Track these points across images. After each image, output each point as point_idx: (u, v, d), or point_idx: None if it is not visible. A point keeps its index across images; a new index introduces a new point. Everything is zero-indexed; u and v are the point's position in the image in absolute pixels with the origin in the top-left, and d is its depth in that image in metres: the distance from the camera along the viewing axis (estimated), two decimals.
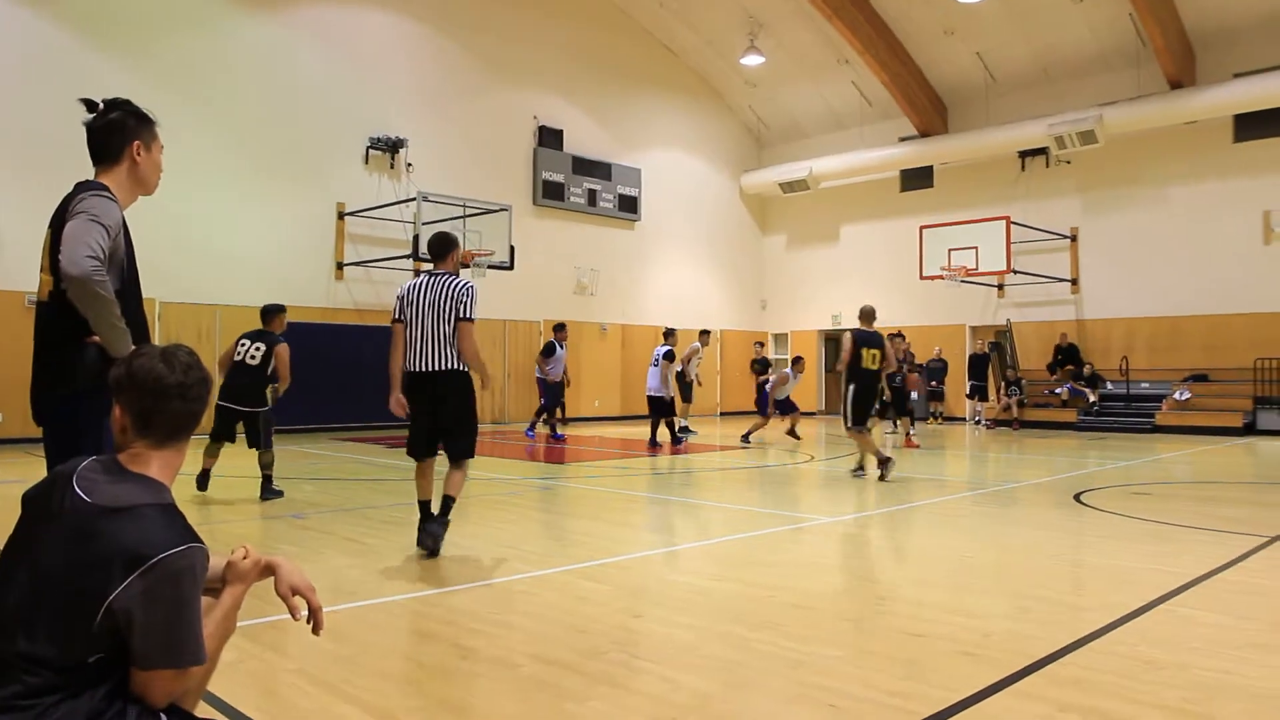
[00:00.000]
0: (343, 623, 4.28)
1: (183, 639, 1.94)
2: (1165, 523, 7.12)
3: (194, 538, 1.99)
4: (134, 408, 2.12)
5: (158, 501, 2.02)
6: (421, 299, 5.89)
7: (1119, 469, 11.37)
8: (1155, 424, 18.08)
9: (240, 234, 16.54)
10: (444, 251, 6.13)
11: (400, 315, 5.96)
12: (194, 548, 1.97)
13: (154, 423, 2.12)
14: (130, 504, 1.97)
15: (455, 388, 5.94)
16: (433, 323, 5.85)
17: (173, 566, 1.91)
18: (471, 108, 20.15)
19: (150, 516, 1.97)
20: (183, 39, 16.03)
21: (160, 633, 1.91)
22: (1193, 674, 3.52)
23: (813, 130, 25.38)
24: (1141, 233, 19.94)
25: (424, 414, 5.98)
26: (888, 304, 23.78)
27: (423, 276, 6.01)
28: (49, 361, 3.14)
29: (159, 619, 1.91)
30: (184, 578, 1.94)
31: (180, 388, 2.14)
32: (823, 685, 3.39)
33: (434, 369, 5.87)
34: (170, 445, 2.16)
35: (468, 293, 5.91)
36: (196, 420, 2.20)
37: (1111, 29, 19.44)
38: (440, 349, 5.85)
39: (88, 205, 3.00)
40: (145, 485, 2.05)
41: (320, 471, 10.94)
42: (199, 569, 1.99)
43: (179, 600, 1.93)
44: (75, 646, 1.88)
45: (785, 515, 7.88)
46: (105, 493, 1.99)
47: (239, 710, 3.10)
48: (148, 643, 1.91)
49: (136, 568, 1.88)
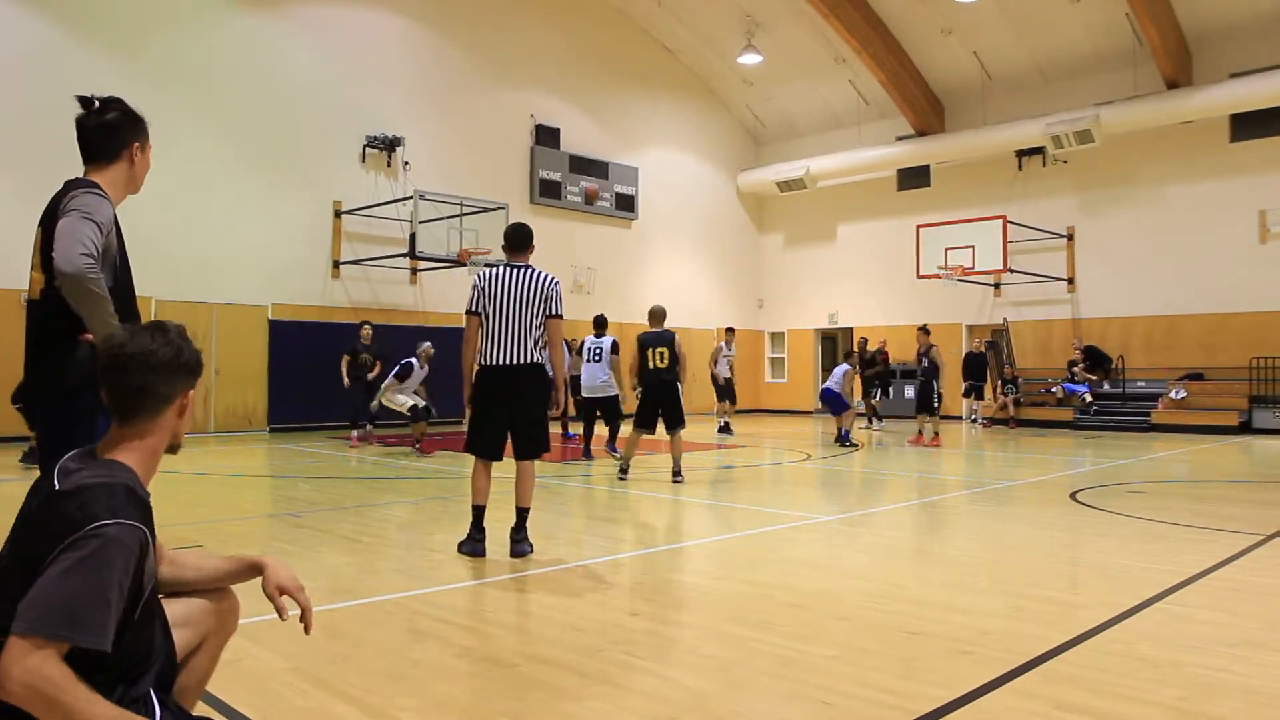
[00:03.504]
0: (339, 621, 4.27)
1: (62, 604, 1.75)
2: (1161, 521, 7.13)
3: (130, 515, 1.89)
4: (101, 384, 2.07)
5: (107, 481, 1.93)
6: (508, 291, 5.69)
7: (1115, 468, 11.38)
8: (1151, 423, 18.10)
9: (236, 232, 16.52)
10: (525, 243, 5.95)
11: (478, 307, 5.74)
12: (122, 524, 1.86)
13: (110, 399, 2.06)
14: (79, 484, 1.92)
15: (536, 382, 5.78)
16: (519, 316, 5.68)
17: (98, 535, 1.82)
18: (469, 106, 20.13)
19: (88, 494, 1.89)
20: (178, 36, 16.00)
21: (44, 589, 1.76)
22: (1188, 672, 3.52)
23: (810, 129, 25.38)
24: (1138, 232, 19.97)
25: (501, 410, 5.78)
26: (884, 303, 23.87)
27: (501, 268, 5.79)
28: (42, 359, 3.13)
29: (52, 575, 1.77)
30: (102, 548, 1.81)
31: (121, 359, 2.03)
32: (819, 684, 3.39)
33: (518, 363, 5.70)
34: (131, 424, 2.07)
35: (558, 288, 5.81)
36: (149, 396, 2.05)
37: (1108, 29, 19.46)
38: (524, 343, 5.69)
39: (80, 203, 2.99)
40: (105, 468, 1.99)
41: (317, 470, 10.92)
42: (121, 545, 1.85)
43: (82, 565, 1.78)
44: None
45: (782, 514, 7.87)
46: (70, 479, 1.95)
47: (235, 709, 3.09)
48: (32, 596, 1.76)
49: (68, 537, 1.81)
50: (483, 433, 5.84)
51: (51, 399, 3.10)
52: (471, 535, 5.79)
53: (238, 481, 9.86)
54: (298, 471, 10.73)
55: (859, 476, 10.94)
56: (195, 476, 10.07)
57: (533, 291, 5.71)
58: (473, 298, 5.79)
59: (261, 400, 16.70)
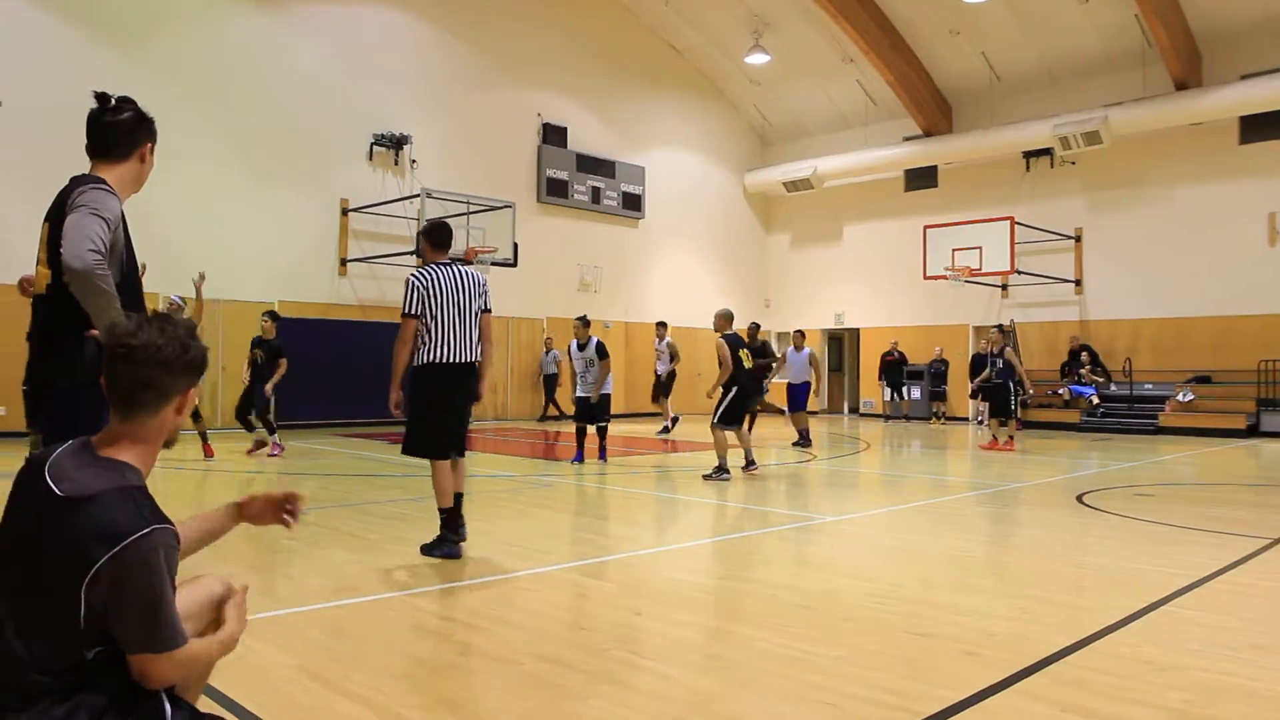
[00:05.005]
0: (344, 618, 4.28)
1: (157, 622, 1.88)
2: (1168, 524, 7.10)
3: (159, 518, 1.92)
4: (105, 374, 2.04)
5: (120, 485, 1.93)
6: (452, 291, 5.74)
7: (1122, 470, 11.35)
8: (1158, 425, 18.04)
9: (244, 230, 16.55)
10: (451, 241, 6.09)
11: (419, 310, 5.70)
12: (158, 528, 1.90)
13: (110, 390, 2.04)
14: (92, 492, 1.90)
15: (478, 380, 5.91)
16: (465, 314, 5.77)
17: (139, 550, 1.85)
18: (476, 104, 20.14)
19: (112, 501, 1.88)
20: (185, 35, 16.04)
21: (136, 619, 1.87)
22: (1194, 675, 3.51)
23: (817, 129, 25.35)
24: (1146, 234, 19.90)
25: (461, 408, 5.87)
26: (891, 304, 23.83)
27: (437, 268, 5.81)
28: (49, 355, 3.13)
29: (132, 605, 1.86)
30: (151, 560, 1.87)
31: (126, 350, 2.00)
32: (824, 685, 3.39)
33: (471, 360, 5.81)
34: (133, 419, 2.04)
35: (487, 285, 5.95)
36: (151, 390, 2.03)
37: (1117, 30, 19.40)
38: (472, 340, 5.80)
39: (88, 199, 2.99)
40: (109, 469, 1.97)
41: (322, 467, 10.94)
42: (166, 548, 1.91)
43: (148, 584, 1.87)
44: (67, 645, 1.84)
45: (788, 514, 7.86)
46: (72, 482, 1.92)
47: (240, 705, 3.10)
48: (127, 630, 1.88)
49: (103, 555, 1.83)
50: (452, 430, 5.82)
51: (57, 394, 3.10)
52: (448, 537, 5.70)
53: (244, 478, 9.88)
54: (302, 469, 10.75)
55: (865, 477, 10.92)
56: (202, 472, 10.09)
57: (473, 290, 5.83)
58: (413, 299, 5.71)
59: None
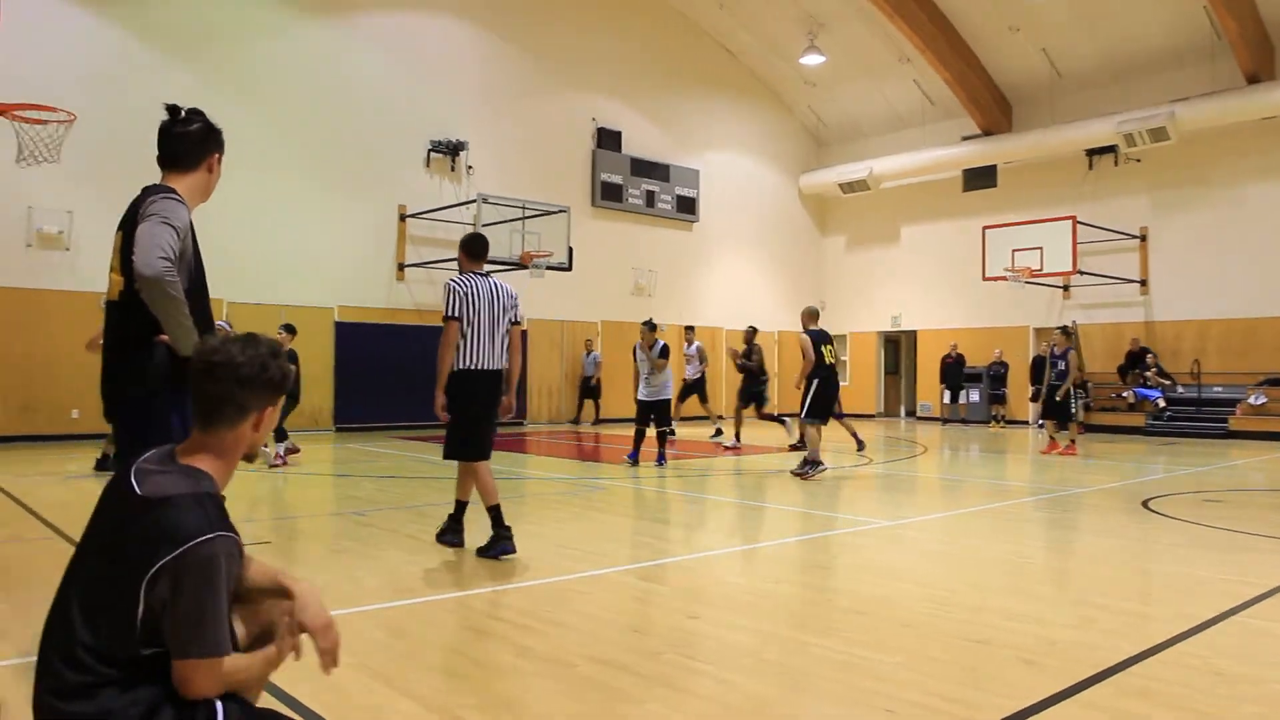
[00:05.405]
0: (401, 619, 4.34)
1: (202, 625, 1.92)
2: (1239, 531, 6.89)
3: (224, 526, 1.98)
4: (189, 388, 2.14)
5: (193, 490, 2.00)
6: (486, 299, 5.91)
7: (1190, 475, 11.04)
8: (1229, 429, 17.52)
9: (305, 236, 16.89)
10: (487, 252, 6.26)
11: (459, 312, 5.84)
12: (221, 536, 1.95)
13: (194, 403, 2.13)
14: (166, 494, 1.98)
15: (507, 388, 6.12)
16: (496, 323, 5.93)
17: (198, 554, 1.91)
18: (531, 110, 20.31)
19: (184, 505, 1.96)
20: (248, 46, 16.43)
21: (188, 621, 1.91)
22: (1269, 688, 3.40)
23: (873, 130, 25.09)
24: (1215, 232, 19.34)
25: (493, 414, 6.04)
26: (948, 305, 23.48)
27: (474, 277, 5.98)
28: (121, 361, 3.23)
29: (187, 607, 1.91)
30: (209, 565, 1.92)
31: (208, 366, 2.10)
32: (880, 691, 3.35)
33: (500, 367, 6.00)
34: (212, 431, 2.12)
35: (518, 298, 6.13)
36: (229, 405, 2.10)
37: (1184, 22, 18.88)
38: (501, 348, 5.97)
39: (159, 208, 3.08)
40: (187, 475, 2.05)
41: (381, 470, 11.11)
42: (225, 557, 1.96)
43: (203, 588, 1.91)
44: (126, 638, 1.92)
45: (843, 518, 7.79)
46: (151, 484, 2.01)
47: (300, 701, 3.16)
48: (177, 632, 1.91)
49: (165, 556, 1.89)
50: (486, 435, 5.99)
51: (130, 400, 3.20)
52: (501, 535, 5.77)
53: (304, 479, 10.07)
54: (361, 471, 10.92)
55: (922, 481, 10.78)
56: (264, 474, 10.31)
57: (506, 301, 5.98)
58: (454, 303, 5.85)
59: (328, 400, 17.03)
